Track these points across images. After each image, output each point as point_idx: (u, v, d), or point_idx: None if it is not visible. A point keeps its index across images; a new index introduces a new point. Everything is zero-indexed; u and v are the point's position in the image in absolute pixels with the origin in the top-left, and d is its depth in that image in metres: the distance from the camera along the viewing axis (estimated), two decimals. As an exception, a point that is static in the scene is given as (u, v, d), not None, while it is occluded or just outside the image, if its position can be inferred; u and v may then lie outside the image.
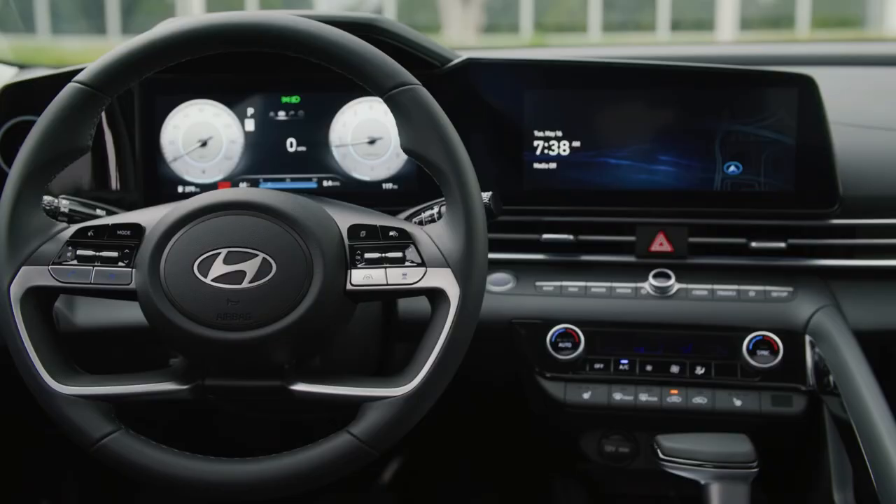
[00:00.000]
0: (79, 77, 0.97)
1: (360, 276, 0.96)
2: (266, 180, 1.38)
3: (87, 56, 1.68)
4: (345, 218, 0.99)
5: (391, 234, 0.96)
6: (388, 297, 0.98)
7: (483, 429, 1.71)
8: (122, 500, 1.81)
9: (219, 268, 0.93)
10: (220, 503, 1.08)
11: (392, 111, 0.97)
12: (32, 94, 1.36)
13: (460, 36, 14.38)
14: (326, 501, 1.69)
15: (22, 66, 1.66)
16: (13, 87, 1.35)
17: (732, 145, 1.30)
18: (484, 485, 1.84)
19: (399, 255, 0.96)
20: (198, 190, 1.37)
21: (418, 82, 0.96)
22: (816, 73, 1.27)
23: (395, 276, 0.95)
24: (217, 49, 0.97)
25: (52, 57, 1.77)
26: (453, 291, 0.94)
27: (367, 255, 0.96)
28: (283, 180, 1.38)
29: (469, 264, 0.94)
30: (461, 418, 0.94)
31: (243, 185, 1.37)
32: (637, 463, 1.37)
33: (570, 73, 1.34)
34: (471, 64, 1.35)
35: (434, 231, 0.97)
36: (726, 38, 13.19)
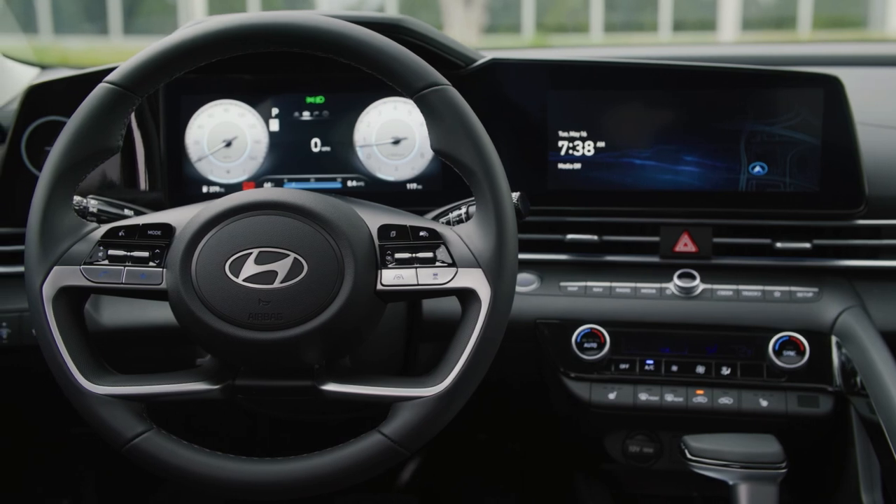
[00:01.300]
0: (110, 77, 0.97)
1: (391, 276, 0.96)
2: (290, 180, 1.38)
3: (90, 56, 1.68)
4: (374, 218, 0.99)
5: (421, 234, 0.96)
6: (418, 297, 0.98)
7: (503, 429, 1.71)
8: (139, 499, 1.81)
9: (250, 268, 0.93)
10: (250, 502, 1.08)
11: (422, 111, 0.97)
12: (57, 94, 1.36)
13: (462, 36, 14.36)
14: (346, 502, 1.69)
15: (43, 67, 1.66)
16: (38, 88, 1.35)
17: (757, 146, 1.30)
18: (504, 485, 1.84)
19: (430, 255, 0.96)
20: (222, 190, 1.38)
21: (448, 82, 0.96)
22: (842, 74, 1.27)
23: (425, 277, 0.95)
24: (247, 49, 0.96)
25: (57, 57, 1.77)
26: (484, 291, 0.94)
27: (397, 255, 0.96)
28: (307, 180, 1.38)
29: (500, 264, 0.94)
30: (482, 418, 0.94)
31: (268, 185, 1.37)
32: (661, 463, 1.37)
33: (594, 73, 1.34)
34: (495, 64, 1.35)
35: (464, 231, 0.97)
36: (728, 39, 13.19)
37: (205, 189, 1.38)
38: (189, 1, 14.14)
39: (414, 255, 0.96)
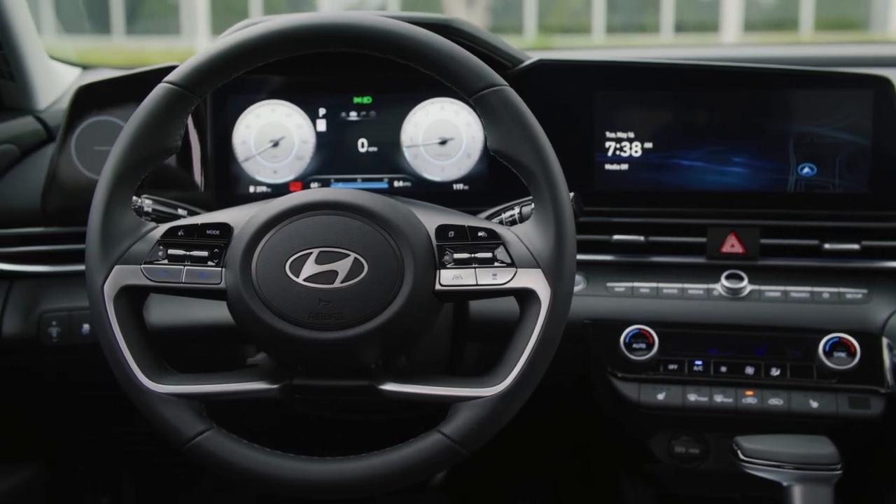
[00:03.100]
0: (169, 77, 0.97)
1: (450, 277, 0.96)
2: (337, 181, 1.38)
3: (97, 55, 1.68)
4: (431, 218, 0.99)
5: (480, 234, 0.97)
6: (477, 297, 0.98)
7: (543, 428, 1.71)
8: (175, 497, 1.81)
9: (310, 267, 0.94)
10: (308, 501, 1.08)
11: (480, 112, 0.97)
12: (105, 94, 1.36)
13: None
14: (380, 500, 1.69)
15: (85, 67, 1.66)
16: (87, 88, 1.35)
17: (807, 147, 1.30)
18: (540, 485, 1.84)
19: (488, 255, 0.96)
20: (269, 190, 1.38)
21: (506, 83, 0.96)
22: (892, 75, 1.27)
23: (484, 277, 0.95)
24: (306, 50, 0.97)
25: (98, 57, 1.77)
26: (544, 292, 0.94)
27: (456, 256, 0.96)
28: (354, 181, 1.38)
29: (559, 265, 0.95)
30: (521, 416, 0.95)
31: (314, 185, 1.37)
32: (706, 464, 1.37)
33: (642, 74, 1.34)
34: (542, 65, 1.35)
35: (522, 231, 0.97)
36: (730, 41, 13.20)
37: (252, 189, 1.38)
38: (191, 3, 14.14)
39: (473, 255, 0.96)
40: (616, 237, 1.36)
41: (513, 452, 1.72)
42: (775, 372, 1.27)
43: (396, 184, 1.38)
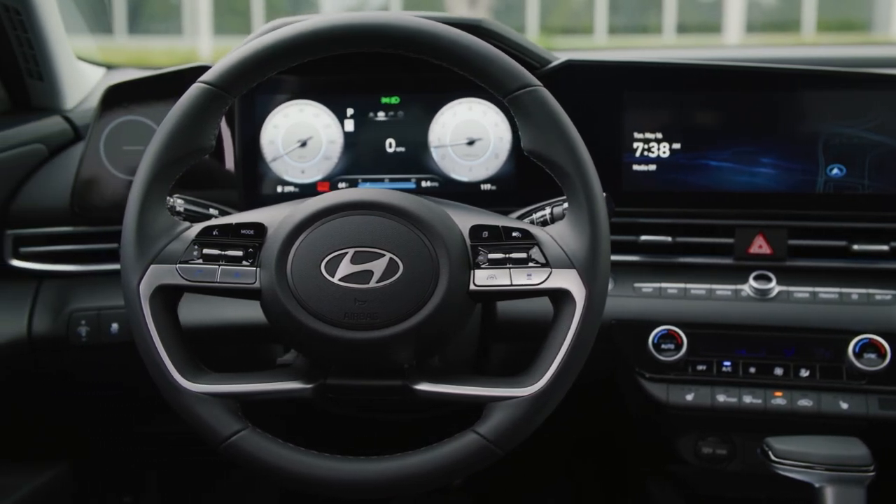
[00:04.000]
0: (205, 77, 0.97)
1: (484, 277, 0.96)
2: (365, 181, 1.38)
3: (103, 55, 1.68)
4: (465, 218, 0.99)
5: (514, 234, 0.97)
6: (511, 297, 0.98)
7: (568, 429, 1.70)
8: (197, 497, 1.81)
9: (346, 267, 0.94)
10: (334, 501, 1.08)
11: (514, 112, 0.97)
12: (134, 94, 1.36)
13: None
14: (402, 501, 1.69)
15: (109, 67, 1.66)
16: (117, 88, 1.35)
17: (836, 147, 1.30)
18: (565, 486, 1.84)
19: (523, 255, 0.96)
20: (297, 190, 1.37)
21: (540, 83, 0.96)
22: None
23: (519, 277, 0.95)
24: (342, 50, 0.97)
25: (123, 57, 1.78)
26: (579, 292, 0.94)
27: (490, 256, 0.96)
28: (381, 181, 1.38)
29: (594, 265, 0.95)
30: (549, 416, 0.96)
31: (342, 185, 1.37)
32: (733, 465, 1.37)
33: (670, 74, 1.34)
34: (570, 66, 1.35)
35: (556, 232, 0.97)
36: (733, 42, 13.21)
37: (279, 189, 1.38)
38: (194, 3, 14.14)
39: (507, 255, 0.96)
40: (643, 238, 1.36)
41: (536, 453, 1.72)
42: (804, 373, 1.27)
43: (424, 184, 1.38)
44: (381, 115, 1.37)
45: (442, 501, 1.78)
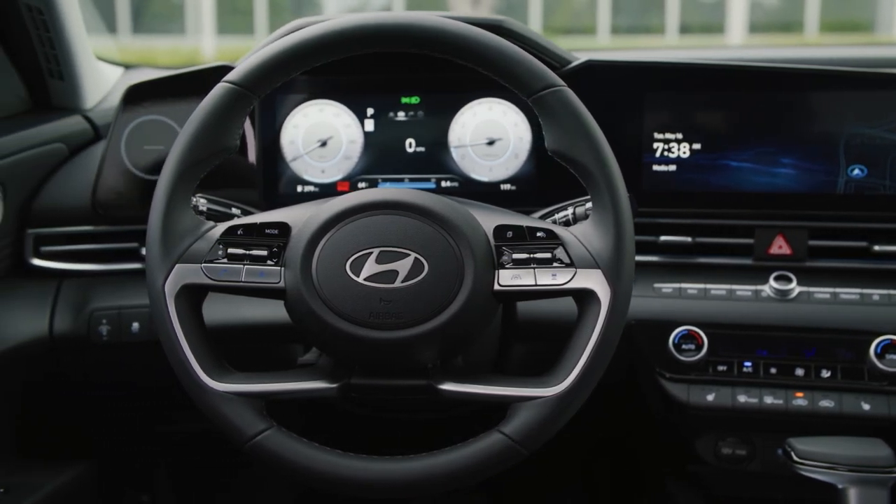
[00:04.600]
0: (229, 77, 0.97)
1: (508, 277, 0.96)
2: (385, 180, 1.38)
3: (108, 54, 1.68)
4: (489, 218, 0.99)
5: (538, 234, 0.97)
6: (536, 297, 0.98)
7: (586, 428, 1.70)
8: (212, 497, 1.81)
9: (371, 267, 0.94)
10: (354, 500, 1.08)
11: (539, 112, 0.97)
12: (154, 94, 1.36)
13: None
14: (417, 500, 1.69)
15: (127, 67, 1.67)
16: (137, 88, 1.35)
17: (857, 148, 1.30)
18: (583, 486, 1.84)
19: (547, 255, 0.96)
20: (317, 190, 1.37)
21: (564, 84, 0.96)
22: None
23: (543, 277, 0.95)
24: (366, 50, 0.97)
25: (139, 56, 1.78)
26: (604, 292, 0.94)
27: (514, 256, 0.96)
28: (401, 181, 1.37)
29: (619, 265, 0.95)
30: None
31: (362, 185, 1.37)
32: (753, 465, 1.37)
33: (691, 75, 1.34)
34: (591, 66, 1.35)
35: (580, 232, 0.97)
36: (736, 42, 13.21)
37: (299, 189, 1.38)
38: (197, 2, 14.15)
39: (531, 255, 0.96)
40: (663, 238, 1.36)
41: (552, 453, 1.72)
42: (826, 374, 1.27)
43: (444, 184, 1.38)
44: (401, 115, 1.37)
45: (458, 501, 1.78)
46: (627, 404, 1.48)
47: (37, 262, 1.37)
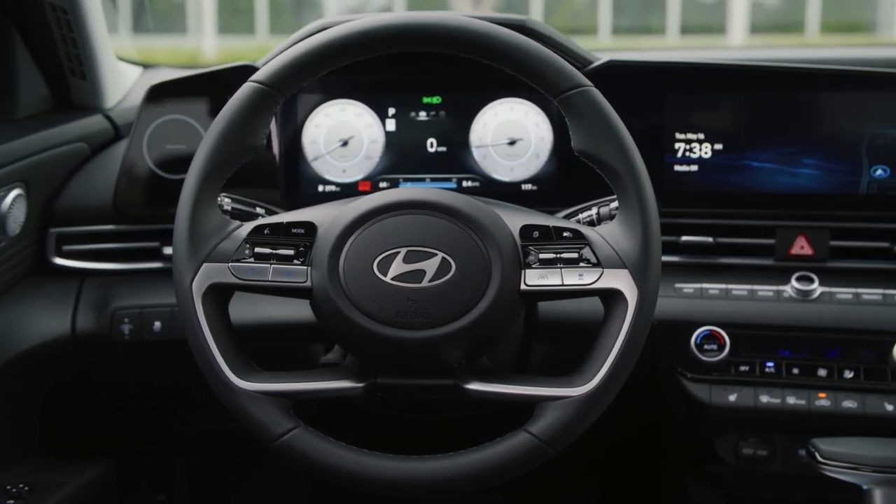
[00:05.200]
0: (256, 77, 0.97)
1: (535, 277, 0.96)
2: (406, 180, 1.38)
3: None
4: (515, 218, 0.99)
5: (565, 234, 0.97)
6: (562, 297, 0.98)
7: (606, 429, 1.70)
8: (226, 497, 1.81)
9: (398, 266, 0.94)
10: (376, 500, 1.08)
11: (565, 112, 0.97)
12: (175, 93, 1.36)
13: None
14: (433, 501, 1.69)
15: (146, 66, 1.66)
16: (159, 87, 1.35)
17: (881, 148, 1.30)
18: (601, 486, 1.84)
19: (574, 255, 0.96)
20: (338, 189, 1.37)
21: (591, 84, 0.96)
22: None
23: (570, 277, 0.95)
24: (392, 49, 0.97)
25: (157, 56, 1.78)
26: (630, 292, 0.94)
27: (541, 256, 0.96)
28: (422, 180, 1.37)
29: (646, 265, 0.95)
30: None
31: (383, 184, 1.37)
32: (774, 466, 1.37)
33: (712, 75, 1.34)
34: (612, 66, 1.35)
35: (606, 232, 0.97)
36: (737, 43, 13.21)
37: (320, 188, 1.37)
38: (198, 2, 14.13)
39: (558, 255, 0.96)
40: (684, 238, 1.36)
41: (571, 453, 1.72)
42: (849, 374, 1.27)
43: (465, 184, 1.37)
44: (422, 115, 1.37)
45: (473, 500, 1.78)
46: (647, 403, 1.48)
47: (59, 261, 1.37)
